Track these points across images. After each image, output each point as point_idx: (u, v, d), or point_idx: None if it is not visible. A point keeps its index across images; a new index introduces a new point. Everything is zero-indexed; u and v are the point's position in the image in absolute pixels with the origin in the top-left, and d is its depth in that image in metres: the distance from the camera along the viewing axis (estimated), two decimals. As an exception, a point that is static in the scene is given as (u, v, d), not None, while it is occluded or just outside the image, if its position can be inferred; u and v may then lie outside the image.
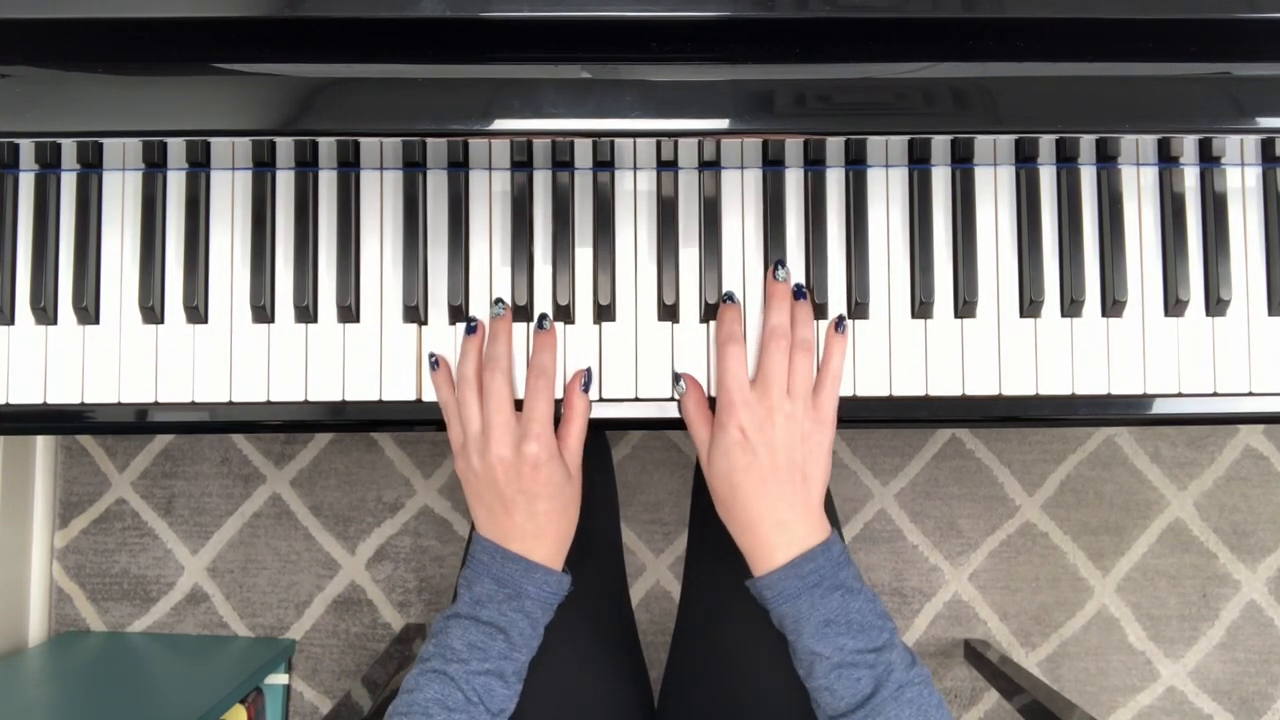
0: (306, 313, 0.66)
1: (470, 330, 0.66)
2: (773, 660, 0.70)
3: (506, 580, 0.62)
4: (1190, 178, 0.68)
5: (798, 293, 0.65)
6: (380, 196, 0.68)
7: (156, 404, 0.66)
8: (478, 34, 0.58)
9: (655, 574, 1.39)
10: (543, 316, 0.66)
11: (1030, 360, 0.66)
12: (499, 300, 0.66)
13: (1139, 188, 0.67)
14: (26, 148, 0.67)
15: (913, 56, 0.59)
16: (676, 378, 0.65)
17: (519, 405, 0.64)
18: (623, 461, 1.39)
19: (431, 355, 0.66)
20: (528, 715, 0.71)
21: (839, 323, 0.65)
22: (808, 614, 0.58)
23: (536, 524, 0.62)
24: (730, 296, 0.66)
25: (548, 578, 0.63)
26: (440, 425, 0.66)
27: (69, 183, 0.67)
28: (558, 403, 0.65)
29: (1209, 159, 0.67)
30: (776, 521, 0.59)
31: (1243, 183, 0.67)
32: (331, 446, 1.40)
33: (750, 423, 0.60)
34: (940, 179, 0.67)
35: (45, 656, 1.29)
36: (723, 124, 0.59)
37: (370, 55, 0.59)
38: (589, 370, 0.66)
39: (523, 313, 0.66)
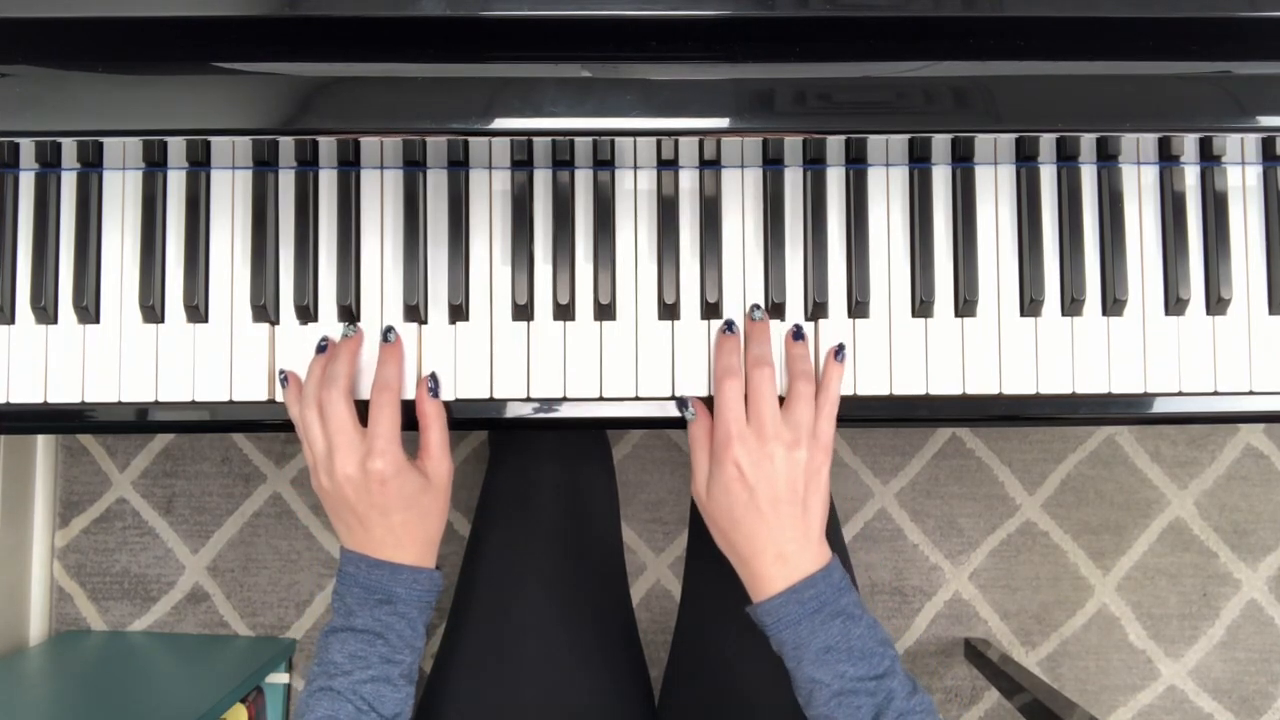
0: (307, 312, 0.66)
1: (320, 350, 0.65)
2: (773, 660, 0.71)
3: (375, 586, 0.61)
4: (1191, 176, 0.67)
5: (796, 334, 0.65)
6: (380, 195, 0.67)
7: (157, 403, 0.66)
8: (478, 33, 0.58)
9: (655, 573, 1.39)
10: (388, 329, 0.65)
11: (1031, 359, 0.66)
12: (350, 324, 0.66)
13: (1139, 186, 0.67)
14: (27, 147, 0.67)
15: (913, 55, 0.59)
16: (684, 403, 0.64)
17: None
18: (623, 461, 1.39)
19: (281, 372, 0.65)
20: (528, 714, 0.71)
21: (838, 351, 0.65)
22: (808, 640, 0.57)
23: (395, 536, 0.61)
24: (730, 325, 0.65)
25: (416, 576, 0.62)
26: (450, 424, 0.66)
27: (69, 182, 0.67)
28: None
29: (1209, 158, 0.67)
30: (777, 554, 0.59)
31: (1243, 181, 0.67)
32: (332, 446, 1.40)
33: (746, 459, 0.59)
34: (941, 178, 0.67)
35: (46, 656, 1.29)
36: (723, 123, 0.59)
37: (370, 54, 0.58)
38: (434, 374, 0.65)
39: (523, 312, 0.66)
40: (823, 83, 0.59)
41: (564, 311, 0.66)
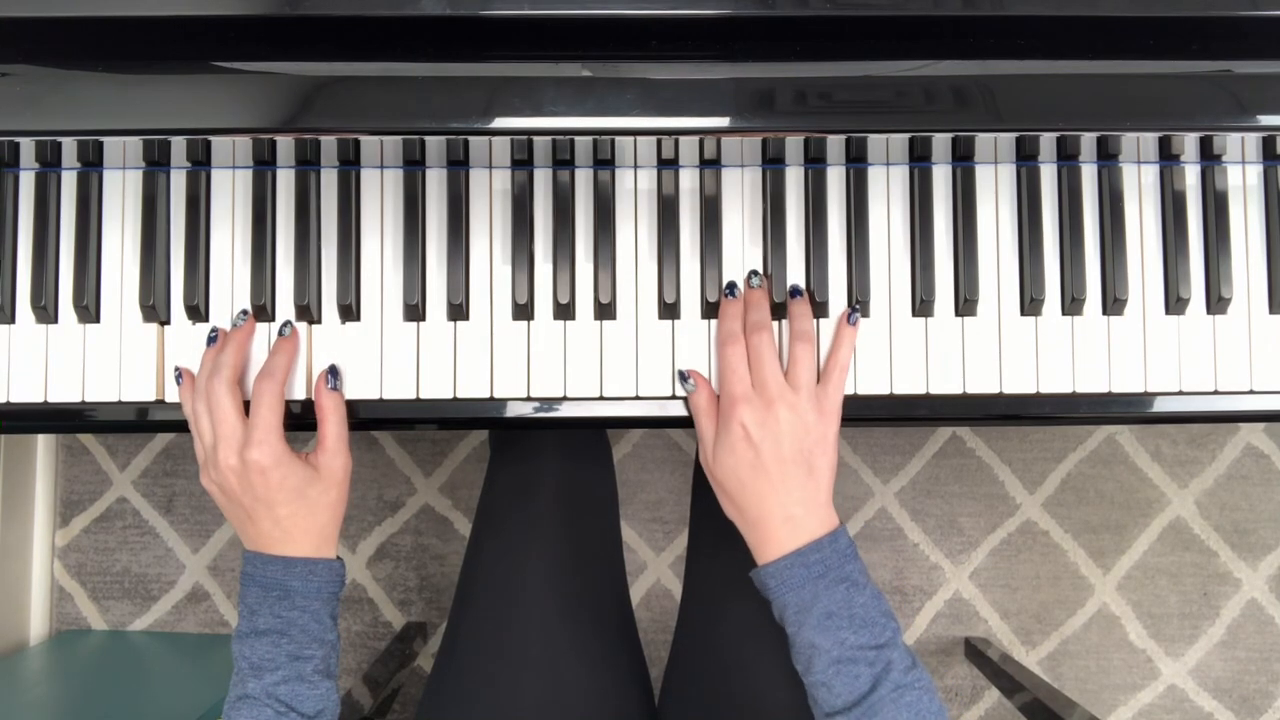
0: (306, 312, 0.66)
1: (210, 342, 0.65)
2: (773, 659, 0.71)
3: (271, 583, 0.61)
4: (1191, 175, 0.67)
5: (794, 291, 0.66)
6: (381, 195, 0.67)
7: (157, 403, 0.66)
8: (478, 32, 0.58)
9: (656, 572, 1.39)
10: (285, 324, 0.65)
11: (1031, 358, 0.66)
12: (243, 311, 0.66)
13: (1140, 186, 0.67)
14: (27, 146, 0.67)
15: (914, 54, 0.59)
16: (684, 376, 0.65)
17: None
18: (623, 460, 1.39)
19: (176, 369, 0.65)
20: (528, 715, 0.71)
21: (850, 314, 0.65)
22: (810, 604, 0.57)
23: (282, 529, 0.61)
24: (732, 289, 0.65)
25: (312, 568, 0.62)
26: (450, 424, 0.66)
27: (69, 181, 0.67)
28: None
29: (1210, 157, 0.67)
30: (785, 516, 0.59)
31: (1244, 180, 0.67)
32: (332, 445, 1.40)
33: (751, 418, 0.60)
34: (941, 177, 0.67)
35: (46, 655, 1.29)
36: (723, 122, 0.59)
37: (371, 53, 0.58)
38: (333, 366, 0.65)
39: (524, 311, 0.66)
40: (823, 82, 0.59)
41: (564, 311, 0.66)
